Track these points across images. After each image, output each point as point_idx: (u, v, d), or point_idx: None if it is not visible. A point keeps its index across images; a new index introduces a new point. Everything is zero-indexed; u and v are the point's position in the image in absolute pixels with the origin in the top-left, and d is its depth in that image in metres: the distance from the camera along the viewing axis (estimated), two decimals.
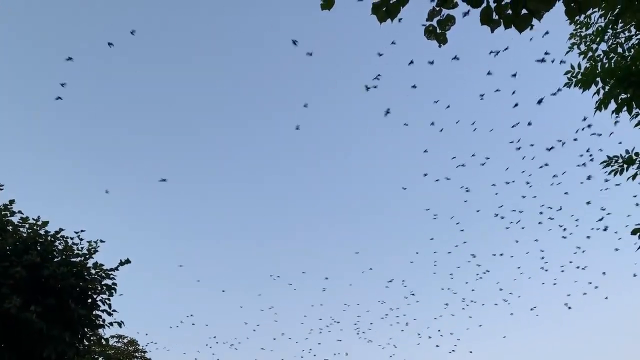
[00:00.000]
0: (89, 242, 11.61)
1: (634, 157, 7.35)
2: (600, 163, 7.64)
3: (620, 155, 7.48)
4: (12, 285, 9.69)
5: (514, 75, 16.60)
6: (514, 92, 17.70)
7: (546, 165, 19.38)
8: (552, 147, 18.19)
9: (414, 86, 18.60)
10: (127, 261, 11.95)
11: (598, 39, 7.95)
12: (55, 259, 10.95)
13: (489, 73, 16.43)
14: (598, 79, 7.13)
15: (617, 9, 6.76)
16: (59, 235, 11.27)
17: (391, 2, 3.33)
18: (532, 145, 19.55)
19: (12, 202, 11.18)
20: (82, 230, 11.62)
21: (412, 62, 16.53)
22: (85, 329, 11.39)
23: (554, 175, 19.79)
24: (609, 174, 7.58)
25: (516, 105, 17.45)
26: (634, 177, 7.41)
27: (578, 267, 24.76)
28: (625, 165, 7.47)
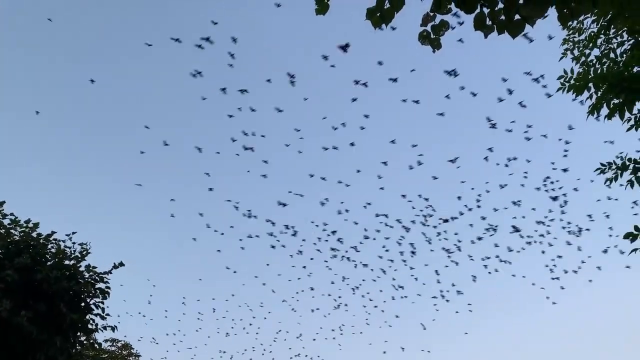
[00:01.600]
0: (81, 244, 11.54)
1: (627, 163, 7.36)
2: (595, 170, 7.62)
3: (614, 161, 7.47)
4: (4, 288, 9.60)
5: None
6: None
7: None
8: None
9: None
10: (121, 264, 11.88)
11: (591, 44, 8.01)
12: (48, 262, 10.88)
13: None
14: (591, 84, 7.18)
15: (609, 15, 6.83)
16: (51, 238, 11.20)
17: (385, 7, 3.35)
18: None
19: (2, 203, 11.11)
20: (73, 233, 11.55)
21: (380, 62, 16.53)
22: (79, 333, 11.31)
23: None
24: (605, 182, 7.53)
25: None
26: (632, 184, 7.37)
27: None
28: (619, 172, 7.46)
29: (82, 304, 11.27)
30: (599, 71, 7.66)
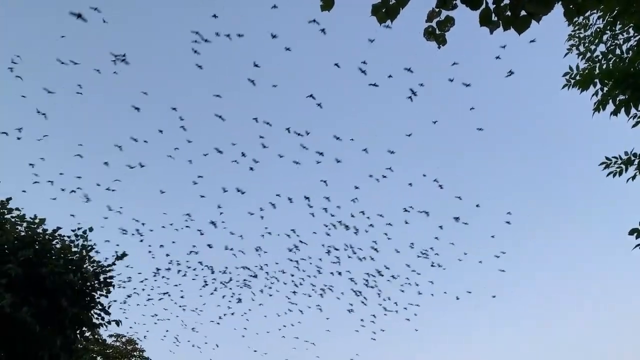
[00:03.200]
0: (84, 239, 11.54)
1: (633, 158, 7.32)
2: (600, 164, 7.56)
3: (619, 156, 7.43)
4: (6, 283, 9.57)
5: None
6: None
7: None
8: None
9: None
10: (124, 254, 11.91)
11: (597, 40, 7.97)
12: (53, 257, 10.93)
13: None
14: (596, 80, 7.14)
15: (615, 11, 6.79)
16: (56, 234, 11.27)
17: (391, 3, 3.34)
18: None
19: (9, 200, 11.19)
20: (78, 228, 11.63)
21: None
22: (83, 328, 11.37)
23: None
24: (608, 175, 7.49)
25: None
26: (633, 178, 7.35)
27: None
28: (624, 167, 7.42)
29: (87, 298, 11.32)
30: (604, 67, 7.61)
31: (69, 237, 11.47)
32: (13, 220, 10.94)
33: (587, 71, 7.56)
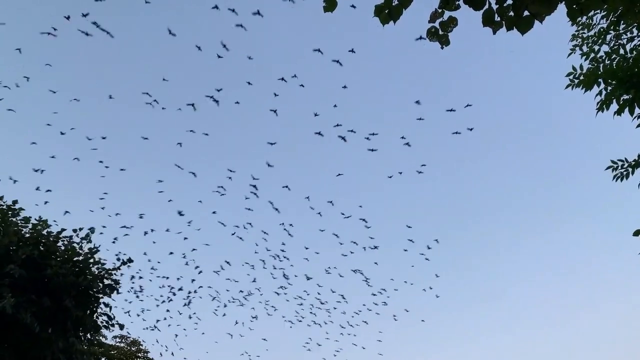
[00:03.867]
0: (88, 239, 11.54)
1: (639, 160, 7.25)
2: (606, 169, 7.47)
3: (625, 159, 7.35)
4: (9, 283, 9.55)
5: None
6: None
7: None
8: None
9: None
10: (130, 260, 11.99)
11: (600, 40, 7.94)
12: (58, 259, 10.96)
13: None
14: (600, 80, 7.12)
15: (619, 11, 6.78)
16: (61, 236, 11.31)
17: (394, 4, 3.35)
18: None
19: (15, 202, 11.26)
20: (80, 229, 11.68)
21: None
22: (87, 331, 11.38)
23: None
24: (614, 179, 7.39)
25: None
26: None
27: None
28: (630, 170, 7.34)
29: (91, 299, 11.33)
30: (608, 67, 7.59)
31: (71, 237, 11.51)
32: (17, 221, 10.99)
33: (590, 71, 7.53)
